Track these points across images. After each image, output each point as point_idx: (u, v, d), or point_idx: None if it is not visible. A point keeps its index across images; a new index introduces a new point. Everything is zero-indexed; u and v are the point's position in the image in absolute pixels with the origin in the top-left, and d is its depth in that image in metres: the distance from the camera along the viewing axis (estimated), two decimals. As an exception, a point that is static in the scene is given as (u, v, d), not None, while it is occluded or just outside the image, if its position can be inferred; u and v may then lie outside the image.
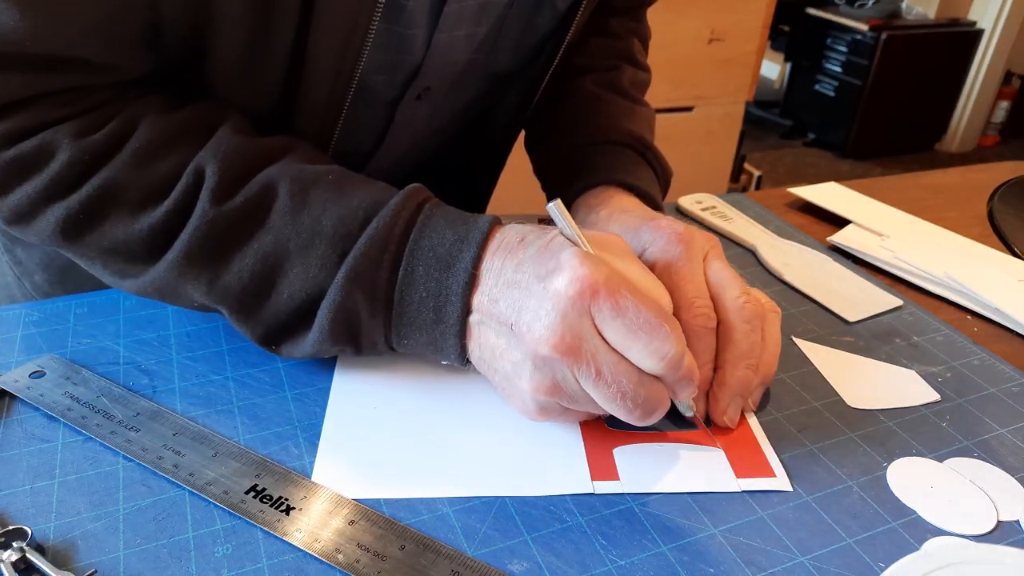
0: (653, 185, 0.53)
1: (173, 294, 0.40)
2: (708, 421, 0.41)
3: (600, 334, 0.34)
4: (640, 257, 0.44)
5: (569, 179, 0.53)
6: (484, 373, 0.39)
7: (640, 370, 0.34)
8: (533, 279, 0.35)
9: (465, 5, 0.46)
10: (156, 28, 0.39)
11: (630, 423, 0.36)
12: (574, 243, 0.36)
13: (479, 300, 0.37)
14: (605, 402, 0.35)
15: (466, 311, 0.37)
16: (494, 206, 0.70)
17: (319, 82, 0.43)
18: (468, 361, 0.39)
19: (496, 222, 0.39)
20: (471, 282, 0.37)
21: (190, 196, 0.38)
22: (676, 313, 0.41)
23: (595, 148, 0.54)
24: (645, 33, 0.69)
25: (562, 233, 0.37)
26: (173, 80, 0.42)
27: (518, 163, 0.64)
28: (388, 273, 0.38)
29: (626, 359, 0.34)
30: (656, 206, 0.51)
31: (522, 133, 0.65)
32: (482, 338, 0.38)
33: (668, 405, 0.36)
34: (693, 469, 0.38)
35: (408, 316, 0.38)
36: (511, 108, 0.60)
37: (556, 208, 0.36)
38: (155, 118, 0.39)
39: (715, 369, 0.41)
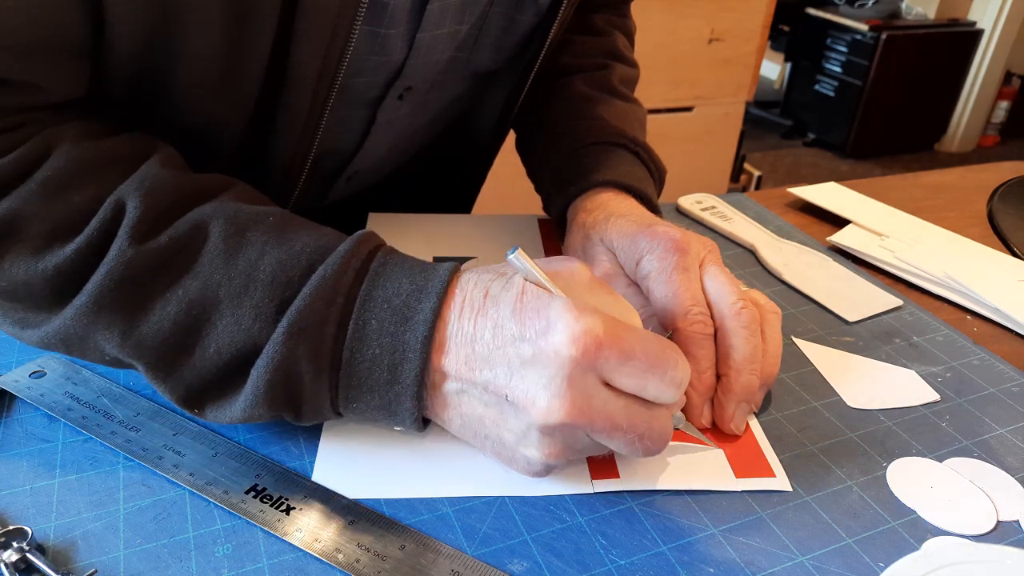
0: (649, 184, 0.53)
1: (81, 346, 0.35)
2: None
3: (605, 383, 0.32)
4: (637, 265, 0.44)
5: (564, 183, 0.53)
6: (466, 440, 0.37)
7: (648, 406, 0.33)
8: (523, 342, 0.32)
9: (447, 3, 0.45)
10: (96, 43, 0.36)
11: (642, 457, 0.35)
12: (543, 288, 0.34)
13: (454, 366, 0.34)
14: (623, 448, 0.33)
15: (425, 369, 0.33)
16: (488, 207, 0.70)
17: (302, 85, 0.41)
18: (426, 424, 0.36)
19: (456, 270, 0.36)
20: (431, 336, 0.33)
21: (106, 232, 0.33)
22: (673, 322, 0.41)
23: (589, 150, 0.54)
24: (630, 27, 0.68)
25: (526, 278, 0.34)
26: (108, 108, 0.39)
27: (514, 164, 0.63)
28: (336, 328, 0.33)
29: (634, 400, 0.33)
30: (653, 206, 0.51)
31: (514, 135, 0.64)
32: (463, 407, 0.35)
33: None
34: (693, 469, 0.38)
35: (358, 377, 0.34)
36: (497, 108, 0.59)
37: (520, 258, 0.33)
38: (73, 146, 0.35)
39: (718, 377, 0.41)
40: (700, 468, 0.38)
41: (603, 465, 0.38)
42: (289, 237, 0.35)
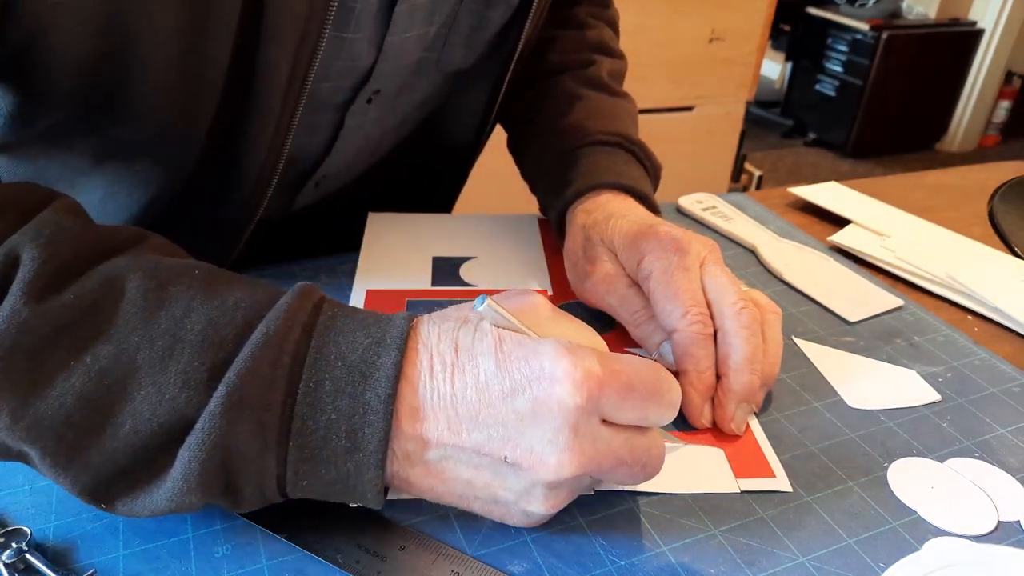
0: (646, 183, 0.53)
1: None
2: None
3: (603, 421, 0.31)
4: (638, 266, 0.44)
5: (561, 185, 0.52)
6: (447, 503, 0.33)
7: (643, 432, 0.32)
8: (517, 397, 0.29)
9: (416, 4, 0.45)
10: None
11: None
12: (518, 331, 0.32)
13: (435, 432, 0.30)
14: (626, 480, 0.32)
15: (389, 433, 0.29)
16: (486, 207, 0.69)
17: (272, 90, 0.40)
18: (385, 498, 0.31)
19: (412, 319, 0.32)
20: (395, 394, 0.29)
21: None
22: (673, 323, 0.41)
23: (583, 151, 0.53)
24: (614, 17, 0.68)
25: (495, 324, 0.32)
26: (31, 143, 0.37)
27: (512, 163, 0.63)
28: (284, 394, 0.29)
29: (632, 430, 0.32)
30: (651, 205, 0.51)
31: (499, 136, 0.64)
32: (446, 473, 0.31)
33: None
34: (693, 469, 0.38)
35: (311, 448, 0.29)
36: (478, 108, 0.59)
37: (491, 307, 0.31)
38: None
39: (718, 377, 0.41)
40: (700, 468, 0.38)
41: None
42: (219, 291, 0.30)
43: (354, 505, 0.32)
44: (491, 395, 0.30)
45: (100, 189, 0.46)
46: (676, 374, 0.42)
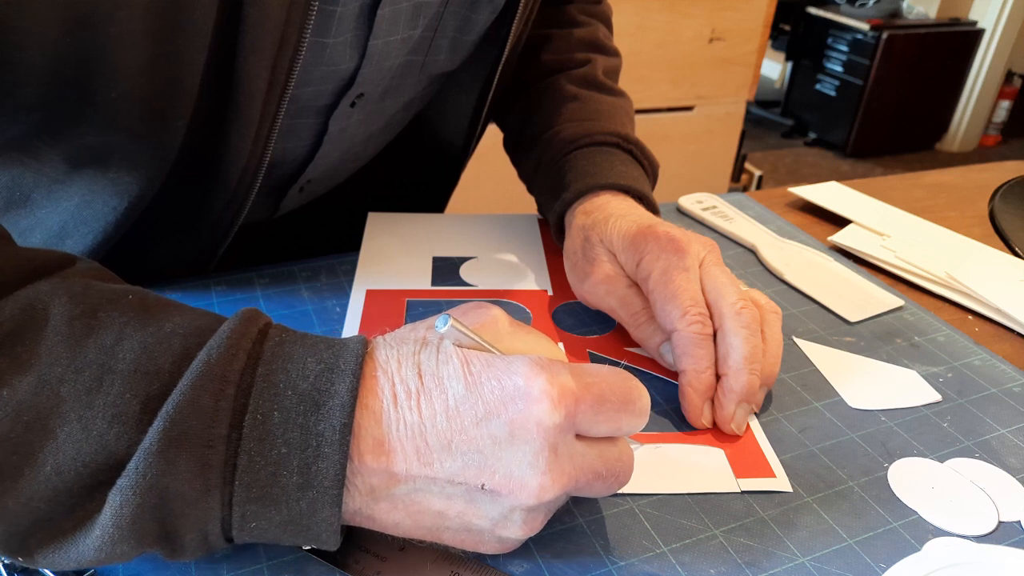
0: (644, 183, 0.53)
1: None
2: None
3: (576, 436, 0.30)
4: (637, 266, 0.44)
5: (560, 187, 0.52)
6: (415, 536, 0.31)
7: (615, 442, 0.31)
8: (491, 421, 0.28)
9: (399, 8, 0.44)
10: None
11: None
12: (482, 349, 0.30)
13: (404, 465, 0.28)
14: (600, 492, 0.32)
15: (346, 465, 0.27)
16: (486, 206, 0.70)
17: (252, 97, 0.40)
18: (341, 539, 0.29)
19: (366, 342, 0.30)
20: (350, 424, 0.27)
21: None
22: (672, 323, 0.41)
23: (582, 152, 0.53)
24: (607, 13, 0.67)
25: (457, 343, 0.30)
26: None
27: (504, 163, 0.63)
28: (228, 428, 0.26)
29: (604, 442, 0.31)
30: (651, 205, 0.51)
31: (501, 137, 0.64)
32: (414, 506, 0.29)
33: None
34: (693, 470, 0.38)
35: (259, 487, 0.26)
36: (463, 111, 0.58)
37: (455, 327, 0.29)
38: None
39: (718, 377, 0.41)
40: (700, 469, 0.38)
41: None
42: (155, 317, 0.28)
43: (307, 548, 0.30)
44: (463, 421, 0.28)
45: (76, 196, 0.45)
46: (676, 374, 0.42)
